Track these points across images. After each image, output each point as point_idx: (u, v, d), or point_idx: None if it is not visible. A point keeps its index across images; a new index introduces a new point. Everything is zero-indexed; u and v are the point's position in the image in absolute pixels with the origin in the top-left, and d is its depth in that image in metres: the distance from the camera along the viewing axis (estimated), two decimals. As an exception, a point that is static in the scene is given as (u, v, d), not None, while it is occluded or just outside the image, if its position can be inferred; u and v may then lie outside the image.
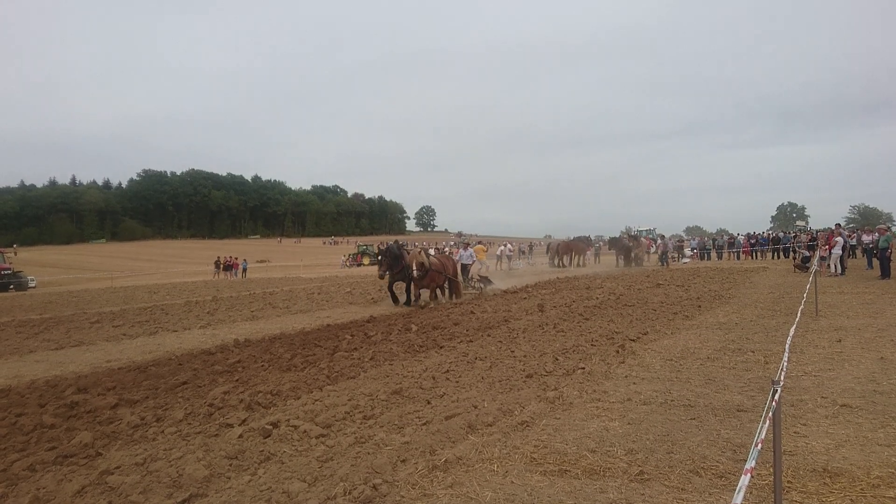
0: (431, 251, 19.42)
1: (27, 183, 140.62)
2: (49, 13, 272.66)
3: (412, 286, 16.50)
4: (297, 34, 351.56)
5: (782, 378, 3.29)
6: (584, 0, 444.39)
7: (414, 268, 15.42)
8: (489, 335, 10.18)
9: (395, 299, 16.60)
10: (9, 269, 38.33)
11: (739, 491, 2.10)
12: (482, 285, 20.37)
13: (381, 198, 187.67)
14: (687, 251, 39.44)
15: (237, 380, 7.35)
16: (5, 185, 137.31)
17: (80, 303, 22.54)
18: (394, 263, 16.58)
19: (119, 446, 4.97)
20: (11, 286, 36.72)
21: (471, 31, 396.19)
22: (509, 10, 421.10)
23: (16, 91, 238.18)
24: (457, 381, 6.84)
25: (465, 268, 21.44)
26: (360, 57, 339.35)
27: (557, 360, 7.80)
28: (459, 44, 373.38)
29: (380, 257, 17.34)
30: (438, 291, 17.40)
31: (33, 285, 38.68)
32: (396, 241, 18.91)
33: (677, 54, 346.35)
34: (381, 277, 17.46)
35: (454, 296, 17.63)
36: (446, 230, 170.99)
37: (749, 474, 2.25)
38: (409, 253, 17.15)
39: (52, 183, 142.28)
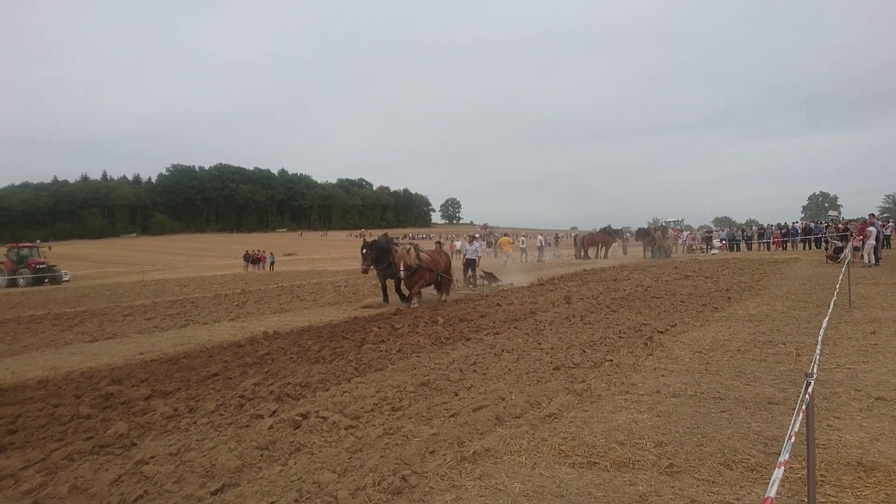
0: (423, 247, 17.45)
1: (60, 179, 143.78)
2: (79, 11, 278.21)
3: (401, 284, 15.47)
4: (323, 27, 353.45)
5: (815, 370, 3.23)
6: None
7: (401, 268, 14.51)
8: (516, 327, 10.16)
9: (385, 297, 15.64)
10: (43, 263, 39.28)
11: (773, 484, 2.08)
12: (486, 282, 18.48)
13: (406, 190, 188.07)
14: (716, 242, 38.89)
15: (267, 371, 7.45)
16: (39, 181, 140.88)
17: (113, 296, 23.01)
18: (379, 258, 15.34)
19: (153, 437, 5.07)
20: (46, 280, 37.68)
21: (496, 22, 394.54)
22: (534, 0, 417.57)
23: (48, 89, 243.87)
24: (484, 374, 6.85)
25: (470, 263, 19.96)
26: (385, 50, 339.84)
27: (585, 352, 7.76)
28: (485, 35, 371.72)
29: (364, 251, 15.41)
30: (429, 288, 16.16)
31: (67, 279, 39.41)
32: (385, 235, 17.23)
33: (703, 42, 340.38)
34: (365, 272, 16.43)
35: (445, 293, 16.34)
36: (472, 222, 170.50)
37: (783, 467, 2.22)
38: (398, 248, 15.76)
39: (84, 179, 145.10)
